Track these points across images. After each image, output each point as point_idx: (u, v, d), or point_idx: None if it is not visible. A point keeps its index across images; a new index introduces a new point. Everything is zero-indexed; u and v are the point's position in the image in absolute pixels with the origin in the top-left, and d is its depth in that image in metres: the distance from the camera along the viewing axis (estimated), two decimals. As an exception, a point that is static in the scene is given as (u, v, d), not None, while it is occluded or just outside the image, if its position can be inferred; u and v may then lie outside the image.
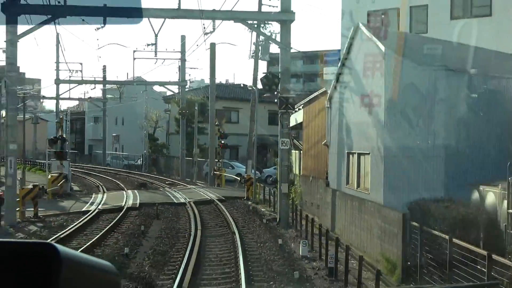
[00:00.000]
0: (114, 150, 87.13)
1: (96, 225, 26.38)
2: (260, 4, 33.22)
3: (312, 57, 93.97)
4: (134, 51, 55.96)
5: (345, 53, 23.25)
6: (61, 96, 70.20)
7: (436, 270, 13.87)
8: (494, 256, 11.42)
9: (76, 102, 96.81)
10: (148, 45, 48.47)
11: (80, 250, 19.13)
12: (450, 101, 18.19)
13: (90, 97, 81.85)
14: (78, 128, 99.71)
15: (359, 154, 21.87)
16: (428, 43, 21.93)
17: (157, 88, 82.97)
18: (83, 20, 26.56)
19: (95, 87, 67.72)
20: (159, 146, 73.93)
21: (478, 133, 18.67)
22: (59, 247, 1.48)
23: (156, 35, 39.41)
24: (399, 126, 18.73)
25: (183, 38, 56.98)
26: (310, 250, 20.53)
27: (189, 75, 68.59)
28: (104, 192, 41.94)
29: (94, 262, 1.59)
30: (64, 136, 40.51)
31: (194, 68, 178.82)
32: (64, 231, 23.94)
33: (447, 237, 13.01)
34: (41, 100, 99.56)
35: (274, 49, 57.38)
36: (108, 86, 74.19)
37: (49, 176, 39.16)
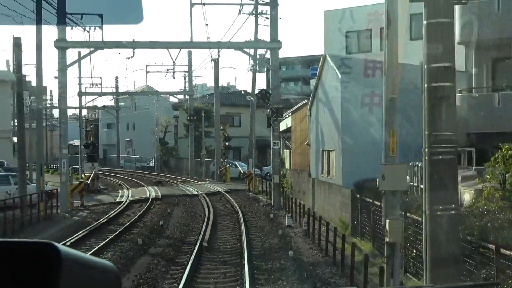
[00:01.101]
0: (127, 153, 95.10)
1: (131, 210, 34.14)
2: (256, 32, 40.89)
3: (309, 62, 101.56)
4: (147, 66, 63.93)
5: (318, 74, 30.99)
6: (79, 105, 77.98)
7: (367, 224, 21.54)
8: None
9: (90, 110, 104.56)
10: (167, 70, 56.43)
11: (125, 225, 26.96)
12: (368, 117, 25.79)
13: (104, 106, 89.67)
14: (93, 133, 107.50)
15: (328, 151, 29.58)
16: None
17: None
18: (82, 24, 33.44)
19: (113, 98, 75.31)
20: (169, 149, 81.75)
21: (399, 132, 26.28)
22: (60, 246, 1.47)
23: (174, 62, 47.37)
24: (351, 130, 26.38)
25: (189, 53, 64.66)
26: (294, 222, 28.19)
27: (195, 84, 76.06)
28: (128, 188, 49.68)
29: (95, 262, 1.60)
30: (94, 142, 48.28)
31: (199, 76, 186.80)
32: (109, 215, 31.63)
33: (371, 200, 20.68)
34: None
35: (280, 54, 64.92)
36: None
37: (83, 175, 46.91)
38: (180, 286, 15.50)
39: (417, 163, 21.60)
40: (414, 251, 14.82)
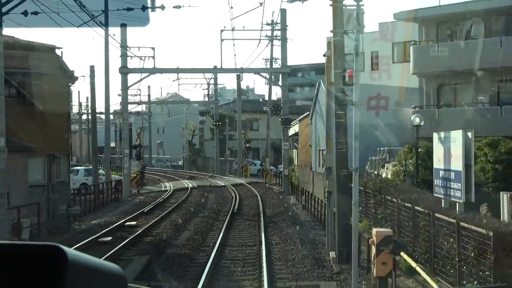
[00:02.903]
0: (157, 154, 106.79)
1: (177, 195, 45.42)
2: (271, 60, 52.15)
3: (322, 68, 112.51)
4: (178, 79, 75.20)
5: (315, 94, 42.13)
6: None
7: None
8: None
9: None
10: (205, 95, 68.02)
11: (177, 203, 38.21)
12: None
13: (137, 111, 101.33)
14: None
15: (322, 150, 40.71)
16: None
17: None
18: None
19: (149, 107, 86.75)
20: (196, 150, 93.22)
21: (365, 138, 37.28)
22: (66, 249, 1.48)
23: (208, 84, 58.77)
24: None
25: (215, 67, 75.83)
26: (297, 201, 39.24)
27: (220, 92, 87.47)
28: (167, 181, 61.04)
29: (102, 265, 1.60)
30: (142, 143, 59.73)
31: (221, 85, 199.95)
32: (162, 197, 42.86)
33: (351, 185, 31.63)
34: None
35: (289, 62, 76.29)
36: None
37: (132, 171, 58.26)
38: (221, 232, 26.57)
39: (371, 157, 32.73)
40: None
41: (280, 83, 46.75)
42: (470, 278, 13.10)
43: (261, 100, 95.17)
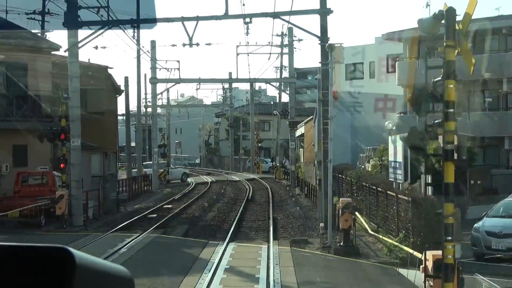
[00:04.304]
0: (175, 153, 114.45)
1: (199, 187, 52.93)
2: (281, 70, 59.64)
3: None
4: (199, 88, 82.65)
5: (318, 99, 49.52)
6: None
7: (341, 189, 39.93)
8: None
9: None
10: (221, 98, 75.31)
11: (200, 193, 45.75)
12: (347, 126, 44.05)
13: (158, 113, 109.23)
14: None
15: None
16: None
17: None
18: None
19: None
20: (212, 149, 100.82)
21: (354, 141, 44.56)
22: (74, 251, 1.48)
23: (223, 88, 66.28)
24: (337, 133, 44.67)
25: (230, 74, 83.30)
26: (301, 192, 46.60)
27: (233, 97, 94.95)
28: (188, 177, 68.58)
29: (109, 267, 1.61)
30: (166, 144, 67.30)
31: (235, 88, 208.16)
32: (186, 190, 50.33)
33: (339, 175, 39.01)
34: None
35: (299, 65, 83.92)
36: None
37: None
38: (239, 212, 33.94)
39: (360, 154, 40.13)
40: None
41: (288, 91, 54.14)
42: (402, 230, 20.48)
43: (272, 103, 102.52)
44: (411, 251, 16.31)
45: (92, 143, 32.32)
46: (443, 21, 9.10)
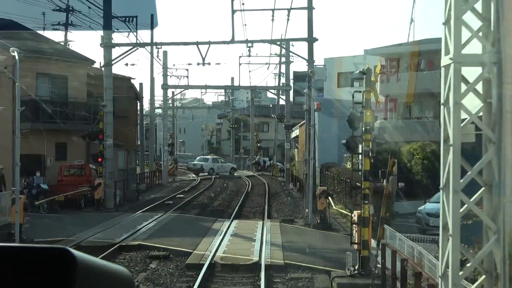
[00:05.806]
0: (179, 151, 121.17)
1: (204, 182, 59.52)
2: (279, 78, 66.27)
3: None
4: (204, 93, 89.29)
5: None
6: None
7: (328, 182, 46.51)
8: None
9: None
10: (222, 100, 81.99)
11: (206, 187, 52.37)
12: (335, 130, 50.55)
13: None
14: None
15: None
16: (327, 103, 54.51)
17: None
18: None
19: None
20: (214, 148, 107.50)
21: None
22: (75, 252, 1.50)
23: (226, 92, 72.74)
24: (322, 138, 51.25)
25: (232, 79, 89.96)
26: (294, 187, 53.15)
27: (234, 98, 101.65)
28: (193, 173, 75.19)
29: (110, 268, 1.63)
30: (174, 142, 73.91)
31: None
32: (194, 183, 56.92)
33: (328, 173, 45.55)
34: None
35: (298, 68, 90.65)
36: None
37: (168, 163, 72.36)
38: (240, 201, 40.47)
39: (344, 154, 46.77)
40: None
41: (284, 97, 60.73)
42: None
43: (270, 105, 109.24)
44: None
45: (118, 141, 38.87)
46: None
